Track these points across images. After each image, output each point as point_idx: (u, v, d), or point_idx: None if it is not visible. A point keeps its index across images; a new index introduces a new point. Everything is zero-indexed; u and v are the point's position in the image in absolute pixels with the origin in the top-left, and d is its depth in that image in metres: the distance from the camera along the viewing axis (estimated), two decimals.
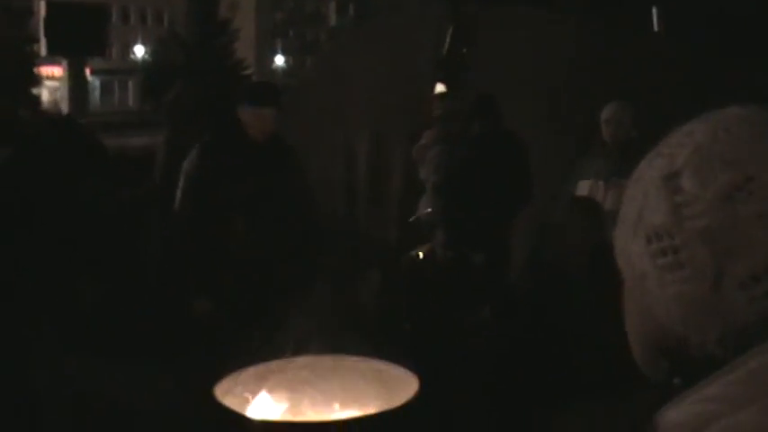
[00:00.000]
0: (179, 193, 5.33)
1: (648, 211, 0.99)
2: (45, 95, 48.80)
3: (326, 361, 3.22)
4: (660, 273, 0.97)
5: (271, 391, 3.09)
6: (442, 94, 7.41)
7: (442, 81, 8.15)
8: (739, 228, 0.92)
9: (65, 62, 11.10)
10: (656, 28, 11.09)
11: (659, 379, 1.04)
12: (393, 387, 3.02)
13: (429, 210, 5.93)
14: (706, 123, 1.01)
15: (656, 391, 1.07)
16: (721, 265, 0.93)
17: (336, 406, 3.09)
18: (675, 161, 0.99)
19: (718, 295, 0.93)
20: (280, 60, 72.56)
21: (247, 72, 47.74)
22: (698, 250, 0.94)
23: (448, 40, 8.23)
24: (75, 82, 10.46)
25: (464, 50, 8.25)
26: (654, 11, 11.18)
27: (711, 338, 0.95)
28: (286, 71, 67.91)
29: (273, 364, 3.13)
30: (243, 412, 2.94)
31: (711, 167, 0.95)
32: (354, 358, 3.23)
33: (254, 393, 3.07)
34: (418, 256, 5.97)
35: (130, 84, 63.55)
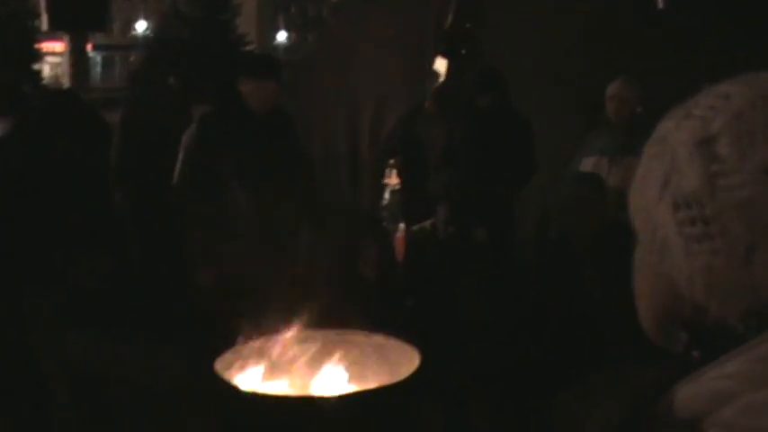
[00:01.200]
0: (179, 165, 5.33)
1: (678, 176, 0.95)
2: (46, 71, 48.69)
3: (328, 335, 3.20)
4: (687, 242, 0.94)
5: (272, 365, 3.07)
6: (448, 68, 7.37)
7: (444, 55, 8.11)
8: None
9: (66, 37, 11.02)
10: (660, 5, 11.02)
11: (674, 350, 1.01)
12: (395, 361, 3.00)
13: (431, 221, 5.90)
14: (744, 87, 0.96)
15: (667, 364, 1.04)
16: (755, 240, 0.90)
17: (338, 380, 3.07)
18: (710, 126, 0.94)
19: (748, 270, 0.90)
20: (282, 36, 72.34)
21: (249, 48, 47.58)
22: (731, 223, 0.91)
23: (452, 13, 8.18)
24: (77, 57, 10.41)
25: (467, 25, 8.20)
26: None
27: (735, 313, 0.92)
28: (288, 47, 67.71)
29: (274, 339, 3.11)
30: (243, 387, 2.93)
31: (752, 137, 0.91)
32: (356, 332, 3.22)
33: (255, 368, 3.05)
34: (421, 230, 5.96)
35: (132, 60, 63.40)
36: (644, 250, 1.02)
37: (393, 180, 8.53)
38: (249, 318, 3.18)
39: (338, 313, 3.23)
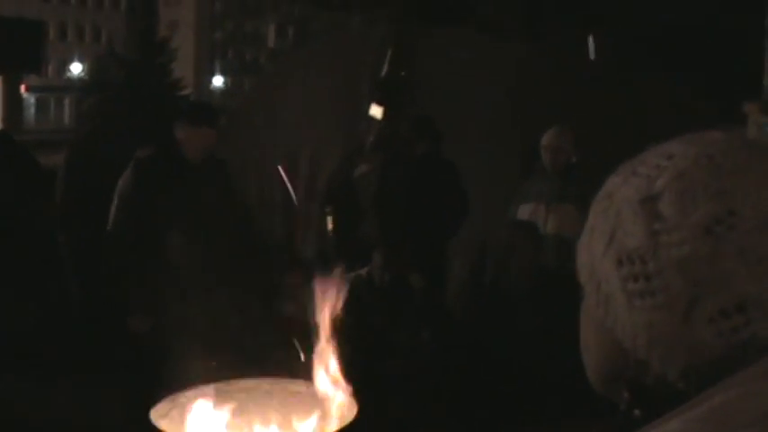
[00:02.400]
0: (113, 211, 5.26)
1: (622, 233, 0.96)
2: None
3: (264, 384, 3.16)
4: (629, 297, 0.94)
5: (208, 414, 3.02)
6: (383, 116, 7.41)
7: (380, 103, 8.16)
8: (716, 261, 0.90)
9: (0, 78, 10.85)
10: (592, 55, 11.26)
11: (620, 404, 1.01)
12: (332, 411, 2.97)
13: (366, 268, 5.90)
14: (687, 147, 0.98)
15: (609, 422, 1.04)
16: (694, 296, 0.90)
17: (275, 430, 3.03)
18: (654, 184, 0.95)
19: (688, 327, 0.91)
20: (218, 81, 72.26)
21: (186, 92, 47.46)
22: (672, 279, 0.91)
23: (387, 61, 8.25)
24: (10, 98, 10.24)
25: (403, 73, 8.27)
26: (590, 39, 11.37)
27: (675, 370, 0.93)
28: (224, 91, 67.65)
29: (211, 387, 3.05)
30: None
31: (693, 196, 0.93)
32: (293, 381, 3.17)
33: (192, 416, 2.99)
34: (357, 278, 5.94)
35: (67, 101, 62.73)
36: (590, 304, 1.01)
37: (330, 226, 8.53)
38: (185, 365, 3.13)
39: (274, 361, 3.19)
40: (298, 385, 3.15)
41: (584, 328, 1.04)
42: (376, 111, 7.88)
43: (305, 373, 3.20)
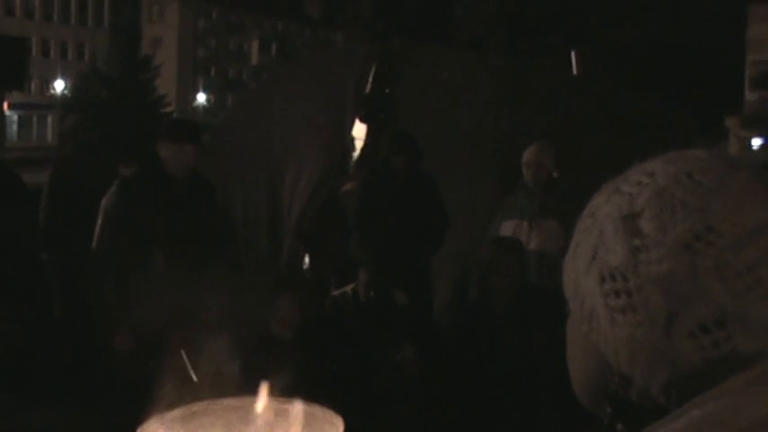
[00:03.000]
0: (98, 230, 5.25)
1: (604, 250, 0.97)
2: None
3: (250, 402, 3.15)
4: (611, 313, 0.96)
5: None
6: (367, 133, 7.42)
7: (364, 120, 8.18)
8: (695, 277, 0.91)
9: None
10: (575, 71, 11.31)
11: (604, 418, 1.02)
12: (318, 429, 2.96)
13: (352, 285, 5.91)
14: (668, 165, 0.99)
15: None
16: (673, 312, 0.92)
17: None
18: (635, 201, 0.97)
19: (668, 342, 0.92)
20: (201, 98, 72.21)
21: (168, 109, 47.42)
22: (651, 295, 0.93)
23: (371, 78, 8.26)
24: None
25: (387, 90, 8.30)
26: (573, 54, 11.43)
27: (656, 384, 0.94)
28: (207, 109, 67.62)
29: (197, 406, 3.04)
30: None
31: (672, 213, 0.94)
32: (280, 400, 3.17)
33: None
34: (342, 295, 5.94)
35: (49, 119, 62.56)
36: (574, 320, 1.03)
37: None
38: (170, 383, 3.11)
39: (261, 378, 3.18)
40: (285, 404, 3.14)
41: (569, 343, 1.06)
42: (360, 129, 7.90)
43: (292, 390, 3.20)
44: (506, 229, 6.04)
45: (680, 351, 0.92)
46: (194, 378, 3.44)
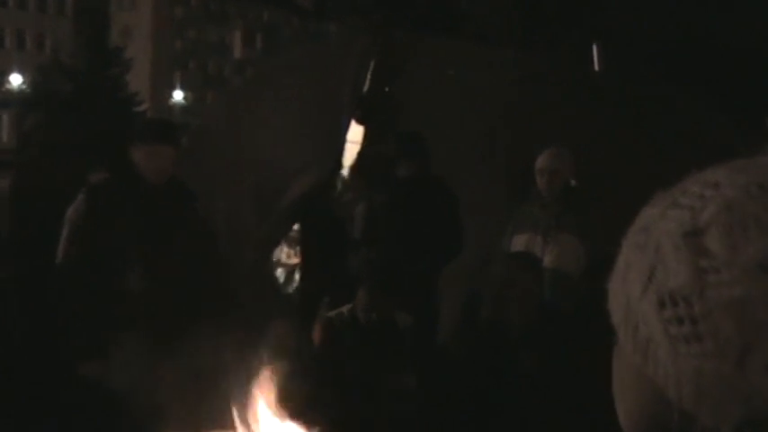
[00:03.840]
0: (63, 243, 5.26)
1: (663, 271, 0.95)
2: None
3: None
4: (673, 343, 0.94)
5: None
6: (364, 137, 7.45)
7: (361, 122, 8.20)
8: None
9: None
10: (596, 67, 11.33)
11: None
12: None
13: (348, 306, 5.94)
14: (735, 174, 0.97)
15: None
16: (747, 342, 0.89)
17: None
18: (699, 216, 0.95)
19: (741, 376, 0.90)
20: (178, 95, 72.18)
21: (142, 108, 47.41)
22: (722, 323, 0.90)
23: (369, 75, 8.30)
24: None
25: (387, 88, 8.33)
26: (594, 48, 11.43)
27: (728, 424, 0.92)
28: (185, 107, 67.57)
29: None
30: None
31: (744, 230, 0.92)
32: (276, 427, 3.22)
33: None
34: (338, 317, 5.97)
35: (5, 117, 62.51)
36: (625, 350, 1.00)
37: (290, 258, 8.57)
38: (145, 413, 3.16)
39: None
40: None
41: (617, 375, 1.04)
42: (356, 132, 7.93)
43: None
44: (518, 243, 6.03)
45: (756, 387, 0.89)
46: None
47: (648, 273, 0.96)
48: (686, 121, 8.31)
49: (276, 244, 7.92)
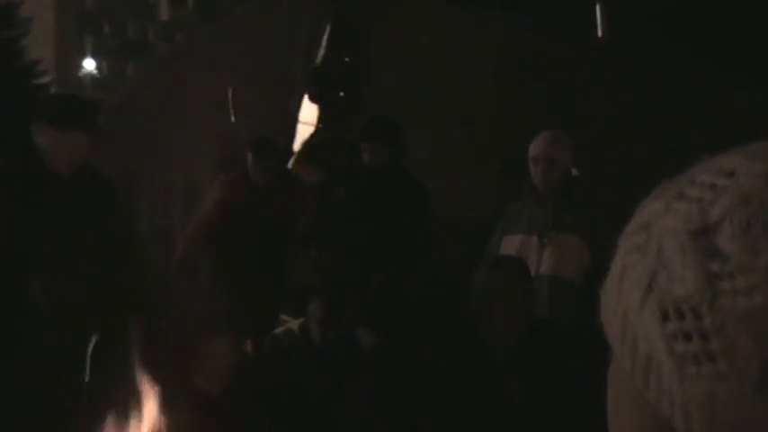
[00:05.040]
0: None
1: (665, 276, 0.94)
2: None
3: None
4: (679, 362, 0.92)
5: None
6: (320, 116, 7.46)
7: (315, 99, 8.20)
8: None
9: None
10: (600, 34, 11.39)
11: None
12: None
13: (299, 321, 5.95)
14: (753, 162, 0.96)
15: None
16: None
17: None
18: (709, 211, 0.93)
19: (761, 401, 0.89)
20: (90, 65, 71.76)
21: (44, 79, 47.04)
22: (738, 338, 0.89)
23: (324, 42, 8.31)
24: None
25: (346, 59, 8.34)
26: (598, 11, 11.48)
27: None
28: (99, 80, 67.19)
29: None
30: None
31: (765, 227, 0.91)
32: None
33: None
34: (287, 335, 5.98)
35: None
36: (622, 371, 0.99)
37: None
38: None
39: None
40: None
41: (613, 401, 1.04)
42: (310, 111, 7.94)
43: None
44: (509, 245, 6.04)
45: None
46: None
47: (649, 279, 0.95)
48: (704, 97, 8.35)
49: (210, 245, 7.89)
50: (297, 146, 8.29)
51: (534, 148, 6.17)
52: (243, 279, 7.00)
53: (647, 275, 0.95)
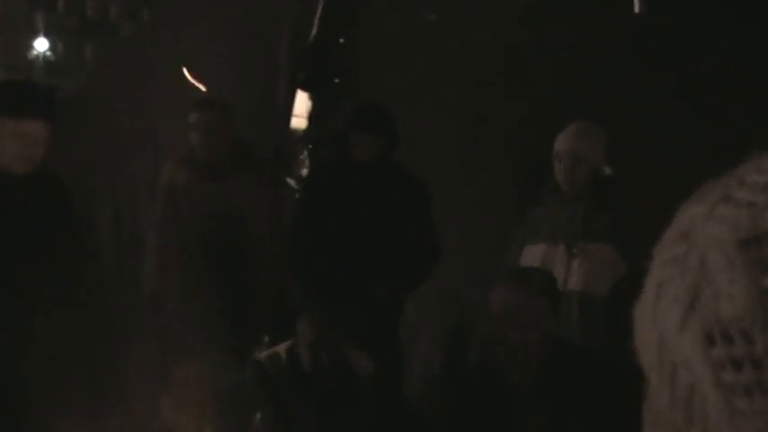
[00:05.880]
0: None
1: (710, 294, 0.92)
2: None
3: None
4: (727, 395, 0.91)
5: None
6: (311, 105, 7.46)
7: (305, 87, 8.21)
8: None
9: None
10: (637, 9, 11.37)
11: None
12: None
13: (287, 344, 5.95)
14: None
15: None
16: None
17: None
18: (762, 216, 0.92)
19: None
20: (42, 45, 71.80)
21: None
22: None
23: (317, 21, 8.32)
24: None
25: (341, 40, 8.35)
26: None
27: None
28: (53, 63, 67.24)
29: None
30: None
31: None
32: None
33: None
34: (272, 360, 5.98)
35: None
36: (659, 404, 0.99)
37: None
38: None
39: None
40: None
41: None
42: (300, 101, 7.94)
43: None
44: (530, 256, 6.01)
45: None
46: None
47: (690, 297, 0.94)
48: (761, 83, 8.31)
49: (183, 254, 7.88)
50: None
51: (558, 143, 6.15)
52: (197, 291, 6.90)
53: (687, 292, 0.94)
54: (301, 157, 8.26)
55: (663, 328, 0.96)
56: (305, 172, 7.93)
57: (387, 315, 6.63)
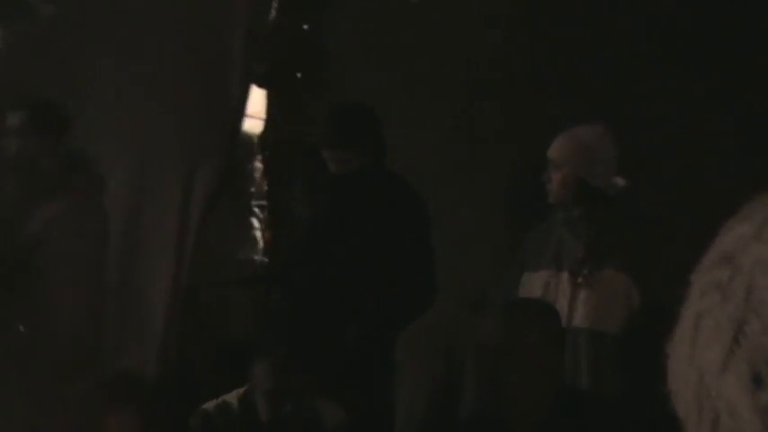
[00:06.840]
0: None
1: (759, 326, 0.94)
2: None
3: None
4: None
5: None
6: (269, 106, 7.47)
7: (263, 83, 8.21)
8: None
9: None
10: None
11: None
12: None
13: (241, 390, 5.96)
14: None
15: None
16: None
17: None
18: None
19: None
20: None
21: None
22: None
23: (275, 5, 8.34)
24: None
25: (305, 26, 8.36)
26: None
27: None
28: None
29: None
30: None
31: None
32: None
33: None
34: (222, 410, 6.00)
35: None
36: None
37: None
38: None
39: None
40: None
41: None
42: (257, 97, 7.95)
43: None
44: (531, 286, 6.01)
45: None
46: None
47: (735, 330, 0.94)
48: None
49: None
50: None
51: (554, 149, 6.15)
52: None
53: (732, 325, 0.94)
54: (255, 166, 8.25)
55: (702, 368, 0.97)
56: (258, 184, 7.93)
57: (366, 356, 6.57)
